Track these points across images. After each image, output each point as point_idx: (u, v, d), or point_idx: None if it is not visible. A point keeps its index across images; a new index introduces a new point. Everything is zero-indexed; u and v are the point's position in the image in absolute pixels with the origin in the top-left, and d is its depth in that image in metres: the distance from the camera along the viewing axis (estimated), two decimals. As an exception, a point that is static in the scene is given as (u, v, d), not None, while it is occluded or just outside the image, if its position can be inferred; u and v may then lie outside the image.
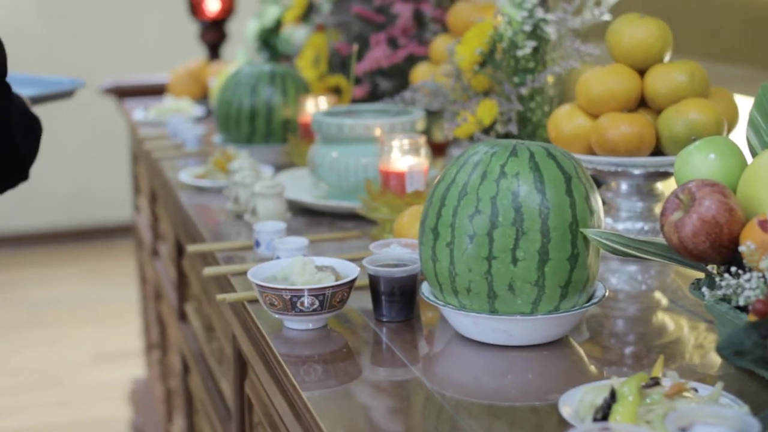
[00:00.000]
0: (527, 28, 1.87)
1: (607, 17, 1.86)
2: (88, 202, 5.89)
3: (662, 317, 1.52)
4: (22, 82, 2.75)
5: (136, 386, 3.84)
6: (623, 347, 1.42)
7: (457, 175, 1.35)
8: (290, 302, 1.42)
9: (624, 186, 1.76)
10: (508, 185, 1.31)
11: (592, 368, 1.32)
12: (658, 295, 1.62)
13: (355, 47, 2.23)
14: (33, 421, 3.91)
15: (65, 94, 2.60)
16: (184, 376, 2.56)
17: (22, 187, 5.99)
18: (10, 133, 1.81)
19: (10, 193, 1.89)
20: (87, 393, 4.12)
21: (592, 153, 1.73)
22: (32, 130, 1.92)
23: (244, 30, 3.50)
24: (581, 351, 1.37)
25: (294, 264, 1.47)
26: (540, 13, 1.88)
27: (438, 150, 2.34)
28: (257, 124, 2.43)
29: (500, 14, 1.92)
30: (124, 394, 3.99)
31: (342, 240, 1.88)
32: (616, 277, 1.66)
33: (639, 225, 1.75)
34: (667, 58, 1.73)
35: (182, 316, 2.51)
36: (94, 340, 4.61)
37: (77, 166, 5.85)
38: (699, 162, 1.31)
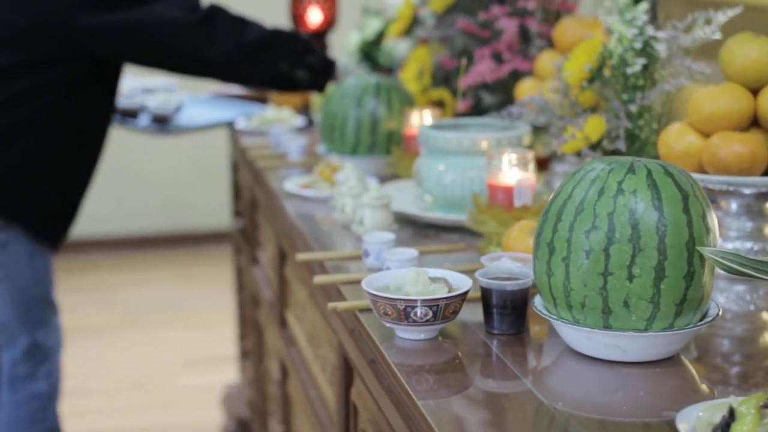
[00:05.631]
0: (637, 45, 1.87)
1: (717, 36, 1.86)
2: (184, 207, 5.99)
3: (770, 338, 1.52)
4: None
5: (229, 391, 3.90)
6: (730, 367, 1.41)
7: (573, 191, 1.36)
8: (404, 312, 1.44)
9: (734, 205, 1.75)
10: (625, 202, 1.32)
11: (704, 387, 1.33)
12: (766, 315, 1.61)
13: (464, 61, 2.25)
14: (128, 423, 3.99)
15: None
16: (283, 381, 2.60)
17: (121, 192, 6.10)
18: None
19: (109, 199, 2.03)
20: (180, 396, 4.19)
21: (703, 172, 1.73)
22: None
23: (345, 42, 3.54)
24: (692, 369, 1.37)
25: (408, 275, 1.50)
26: (650, 30, 1.88)
27: (541, 165, 2.35)
28: (362, 136, 2.46)
29: (610, 31, 1.93)
30: (216, 399, 4.04)
31: (448, 252, 1.90)
32: (723, 297, 1.66)
33: (748, 245, 1.74)
34: (781, 77, 1.73)
35: (282, 323, 2.55)
36: (186, 344, 4.68)
37: (175, 172, 5.96)
38: (818, 183, 1.31)
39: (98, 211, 5.80)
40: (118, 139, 5.52)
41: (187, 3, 2.72)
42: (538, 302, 1.44)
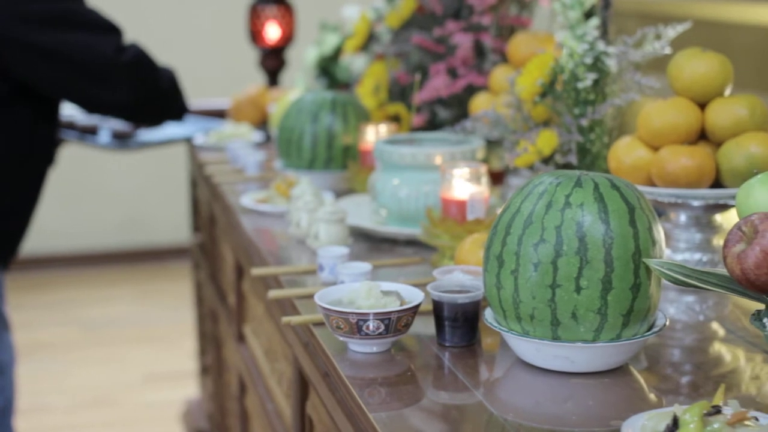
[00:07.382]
0: (588, 60, 1.90)
1: (667, 51, 1.89)
2: (143, 223, 5.98)
3: (719, 348, 1.54)
4: None
5: (189, 407, 3.89)
6: (680, 376, 1.43)
7: (522, 205, 1.38)
8: (356, 326, 1.45)
9: (683, 217, 1.78)
10: (572, 215, 1.34)
11: (652, 396, 1.35)
12: (715, 325, 1.63)
13: (418, 77, 2.27)
14: (88, 439, 3.97)
15: None
16: (241, 396, 2.60)
17: (80, 208, 6.06)
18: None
19: (69, 215, 2.02)
20: (140, 413, 4.17)
21: (652, 184, 1.76)
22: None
23: (303, 57, 3.55)
24: (641, 379, 1.39)
25: (360, 288, 1.51)
26: (601, 45, 1.91)
27: (495, 178, 2.37)
28: (318, 151, 2.47)
29: (561, 46, 1.96)
30: (176, 415, 4.03)
31: (402, 266, 1.91)
32: (674, 307, 1.68)
33: (697, 256, 1.77)
34: (727, 91, 1.76)
35: (240, 338, 2.55)
36: (146, 360, 4.67)
37: (135, 188, 5.94)
38: (761, 195, 1.33)
39: (58, 228, 5.77)
40: (77, 155, 5.50)
41: (116, 41, 2.73)
42: (488, 315, 1.46)
